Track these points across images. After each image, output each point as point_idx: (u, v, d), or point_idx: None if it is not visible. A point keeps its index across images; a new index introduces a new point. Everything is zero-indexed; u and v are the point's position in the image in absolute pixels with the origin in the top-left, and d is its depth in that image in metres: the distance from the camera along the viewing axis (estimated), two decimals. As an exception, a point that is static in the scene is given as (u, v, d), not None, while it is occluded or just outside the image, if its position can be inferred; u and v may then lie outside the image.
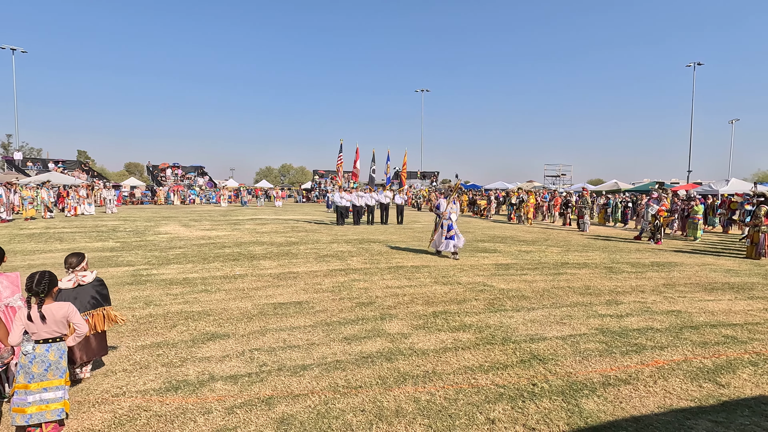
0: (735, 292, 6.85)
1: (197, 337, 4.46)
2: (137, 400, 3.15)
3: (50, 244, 10.92)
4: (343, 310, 5.52)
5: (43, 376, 2.67)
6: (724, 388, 3.47)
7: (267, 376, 3.58)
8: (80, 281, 3.44)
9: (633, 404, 3.18)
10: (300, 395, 3.26)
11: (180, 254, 9.56)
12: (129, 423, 2.84)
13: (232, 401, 3.15)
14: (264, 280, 7.15)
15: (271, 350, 4.14)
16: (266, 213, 24.75)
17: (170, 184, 40.12)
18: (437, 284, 7.03)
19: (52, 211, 19.40)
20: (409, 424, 2.88)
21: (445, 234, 9.60)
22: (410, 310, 5.53)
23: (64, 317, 2.76)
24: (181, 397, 3.20)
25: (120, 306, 5.48)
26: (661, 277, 7.82)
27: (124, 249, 10.19)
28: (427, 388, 3.41)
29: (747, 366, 3.91)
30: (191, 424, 2.84)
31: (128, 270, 7.76)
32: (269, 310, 5.46)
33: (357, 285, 6.88)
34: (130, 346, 4.21)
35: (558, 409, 3.10)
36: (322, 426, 2.84)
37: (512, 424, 2.90)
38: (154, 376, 3.56)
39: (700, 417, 3.01)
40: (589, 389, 3.41)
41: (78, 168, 39.80)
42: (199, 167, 46.43)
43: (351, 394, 3.29)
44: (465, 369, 3.78)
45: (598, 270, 8.45)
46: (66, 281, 3.36)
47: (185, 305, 5.62)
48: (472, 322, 5.10)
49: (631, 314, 5.49)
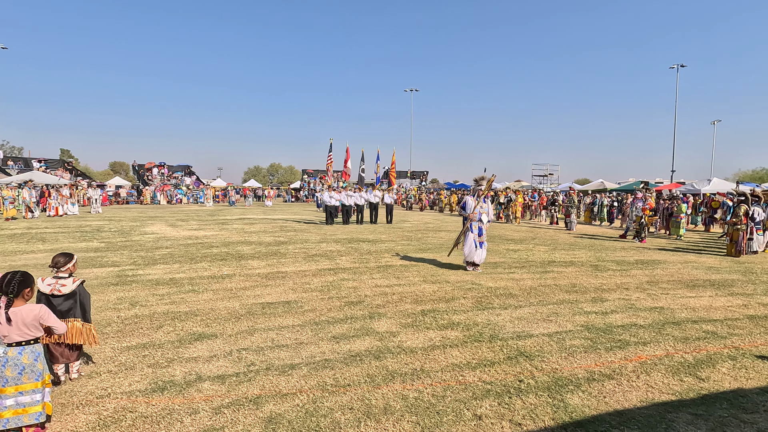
0: (716, 288, 7.01)
1: (184, 338, 4.42)
2: (122, 401, 3.12)
3: (32, 244, 10.69)
4: (331, 309, 5.52)
5: (17, 379, 2.62)
6: (704, 381, 3.56)
7: (255, 375, 3.57)
8: (58, 290, 3.26)
9: (616, 399, 3.25)
10: (288, 394, 3.25)
11: (166, 254, 9.44)
12: (114, 425, 2.81)
13: (220, 401, 3.13)
14: (252, 279, 7.10)
15: (259, 350, 4.13)
16: (255, 213, 24.57)
17: (156, 184, 39.55)
18: (426, 283, 7.07)
19: (34, 211, 18.99)
20: (397, 422, 2.90)
21: (476, 239, 8.05)
22: (399, 309, 5.55)
23: (35, 319, 2.68)
24: (167, 398, 3.17)
25: (105, 307, 5.40)
26: (645, 275, 7.98)
27: (109, 249, 10.02)
28: (415, 385, 3.43)
29: (726, 360, 4.01)
30: (178, 425, 2.81)
31: (113, 270, 7.64)
32: (257, 309, 5.43)
33: (346, 284, 6.88)
34: (115, 347, 4.15)
35: (544, 404, 3.15)
36: (311, 424, 2.85)
37: (499, 420, 2.93)
38: (139, 377, 3.52)
39: (680, 410, 3.09)
40: (574, 385, 3.46)
41: (61, 167, 39.01)
42: (186, 166, 45.88)
43: (339, 393, 3.30)
44: (453, 366, 3.81)
45: (584, 268, 8.58)
46: (45, 285, 3.28)
47: (172, 306, 5.55)
48: (460, 320, 5.14)
49: (616, 311, 5.59)
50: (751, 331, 4.87)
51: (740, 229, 10.60)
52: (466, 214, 8.11)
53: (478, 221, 8.03)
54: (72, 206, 20.68)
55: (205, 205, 32.45)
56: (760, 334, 4.78)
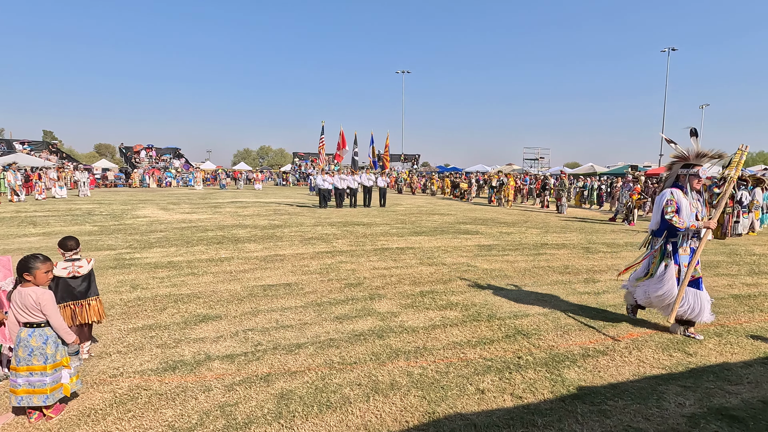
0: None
1: (189, 319, 4.49)
2: (136, 380, 3.20)
3: (23, 228, 10.56)
4: (332, 290, 5.62)
5: (28, 360, 2.68)
6: (691, 356, 3.75)
7: (263, 354, 3.67)
8: (76, 272, 3.39)
9: (610, 373, 3.42)
10: (297, 372, 3.36)
11: (162, 238, 9.42)
12: (131, 402, 2.89)
13: (231, 379, 3.23)
14: (251, 262, 7.16)
15: (264, 330, 4.22)
16: (246, 196, 24.42)
17: (145, 167, 38.93)
18: (423, 265, 7.20)
19: (20, 194, 18.63)
20: (404, 396, 3.03)
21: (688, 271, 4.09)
22: (398, 290, 5.68)
23: (36, 303, 2.70)
24: (179, 376, 3.25)
25: (106, 290, 5.43)
26: (635, 257, 8.19)
27: (103, 233, 9.96)
28: (419, 362, 3.57)
29: (712, 337, 4.22)
30: (192, 401, 2.91)
31: (110, 254, 7.63)
32: (259, 291, 5.51)
33: (344, 267, 6.97)
34: (121, 328, 4.21)
35: (542, 379, 3.31)
36: (322, 400, 2.96)
37: (500, 394, 3.08)
38: (149, 357, 3.60)
39: (670, 383, 3.27)
40: (570, 360, 3.63)
41: (46, 149, 38.13)
42: (174, 149, 45.16)
43: (346, 370, 3.41)
44: (454, 344, 3.95)
45: (576, 250, 8.79)
46: (61, 269, 3.32)
47: (173, 288, 5.60)
48: (459, 300, 5.28)
49: (607, 291, 5.78)
50: (736, 310, 5.11)
51: (727, 212, 10.90)
52: (685, 224, 4.01)
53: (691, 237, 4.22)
54: (60, 189, 20.33)
55: (195, 188, 32.11)
56: (744, 312, 5.01)
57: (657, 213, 4.25)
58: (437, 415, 2.80)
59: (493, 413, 2.82)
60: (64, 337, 2.80)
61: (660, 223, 4.25)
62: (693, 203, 4.13)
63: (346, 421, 2.73)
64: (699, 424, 2.71)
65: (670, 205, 4.05)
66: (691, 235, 4.19)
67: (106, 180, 33.82)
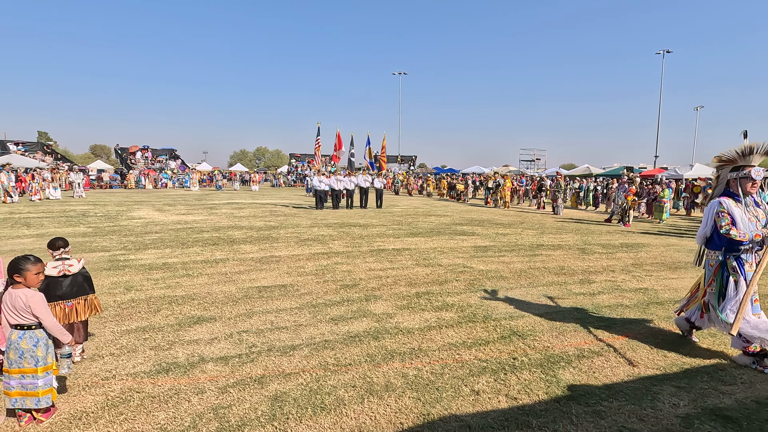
0: (696, 271, 7.25)
1: (183, 321, 4.46)
2: (128, 382, 3.17)
3: (17, 229, 10.48)
4: (327, 292, 5.60)
5: (19, 363, 2.66)
6: (685, 357, 3.76)
7: (257, 356, 3.65)
8: (66, 270, 3.37)
9: (605, 373, 3.42)
10: (291, 374, 3.34)
11: (157, 239, 9.37)
12: (123, 404, 2.86)
13: (225, 381, 3.21)
14: (246, 264, 7.13)
15: (259, 332, 4.20)
16: (242, 197, 24.35)
17: (140, 168, 38.76)
18: (419, 266, 7.19)
19: (13, 195, 18.49)
20: (399, 398, 3.02)
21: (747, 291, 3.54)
22: (394, 291, 5.66)
23: (25, 305, 2.66)
24: (172, 379, 3.23)
25: (100, 291, 5.37)
26: (630, 258, 8.23)
27: (97, 234, 9.89)
28: (414, 363, 3.56)
29: (706, 337, 4.23)
30: (185, 404, 2.88)
31: (104, 255, 7.58)
32: (254, 293, 5.49)
33: (340, 268, 6.96)
34: (114, 330, 4.17)
35: (537, 380, 3.31)
36: (316, 401, 2.95)
37: (495, 395, 3.08)
38: (142, 359, 3.57)
39: (664, 383, 3.27)
40: (565, 361, 3.63)
41: (40, 150, 37.89)
42: (170, 150, 45.00)
43: (341, 372, 3.40)
44: (449, 345, 3.94)
45: (572, 251, 8.81)
46: (51, 268, 3.30)
47: (167, 290, 5.57)
48: (454, 301, 5.28)
49: (603, 292, 5.80)
50: (730, 310, 5.12)
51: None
52: (747, 236, 3.54)
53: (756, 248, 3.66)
54: (54, 190, 20.21)
55: (191, 189, 31.99)
56: (737, 313, 5.02)
57: (705, 226, 3.82)
58: (432, 416, 2.79)
59: (488, 414, 2.82)
60: (59, 337, 2.77)
61: (714, 237, 3.79)
62: (750, 210, 3.62)
63: (341, 423, 2.72)
64: (693, 425, 2.71)
65: (723, 217, 3.56)
66: (755, 247, 3.62)
67: (101, 181, 33.64)
